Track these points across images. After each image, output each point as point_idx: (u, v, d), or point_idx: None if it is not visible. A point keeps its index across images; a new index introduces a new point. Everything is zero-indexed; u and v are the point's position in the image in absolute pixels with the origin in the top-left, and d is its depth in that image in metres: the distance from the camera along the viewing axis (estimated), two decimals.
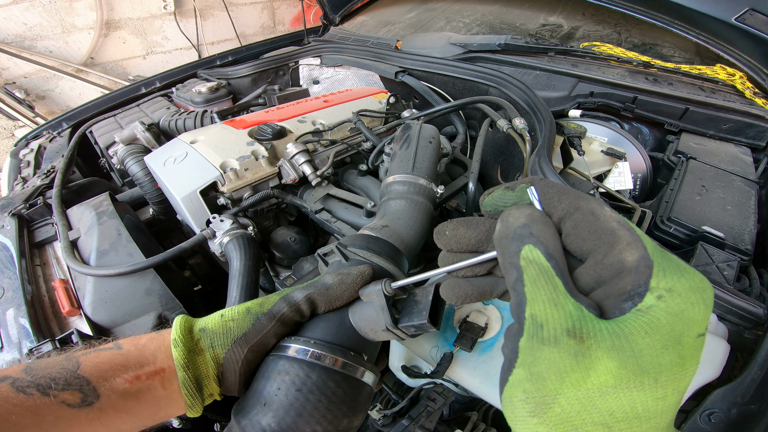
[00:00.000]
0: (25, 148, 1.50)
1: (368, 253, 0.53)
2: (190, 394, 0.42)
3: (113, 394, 0.38)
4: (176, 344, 0.42)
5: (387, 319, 0.44)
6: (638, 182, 1.10)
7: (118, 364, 0.40)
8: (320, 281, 0.48)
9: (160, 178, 0.99)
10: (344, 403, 0.43)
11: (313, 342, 0.45)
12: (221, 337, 0.44)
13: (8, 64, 2.89)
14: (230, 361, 0.43)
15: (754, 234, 0.76)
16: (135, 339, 0.44)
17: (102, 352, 0.41)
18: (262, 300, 0.48)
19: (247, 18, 3.99)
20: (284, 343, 0.46)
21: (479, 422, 0.64)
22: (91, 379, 0.38)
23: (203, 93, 1.56)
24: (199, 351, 0.43)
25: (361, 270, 0.48)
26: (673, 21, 1.15)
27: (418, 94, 1.46)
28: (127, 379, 0.39)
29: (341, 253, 0.52)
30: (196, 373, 0.42)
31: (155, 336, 0.44)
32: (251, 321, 0.45)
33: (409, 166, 0.82)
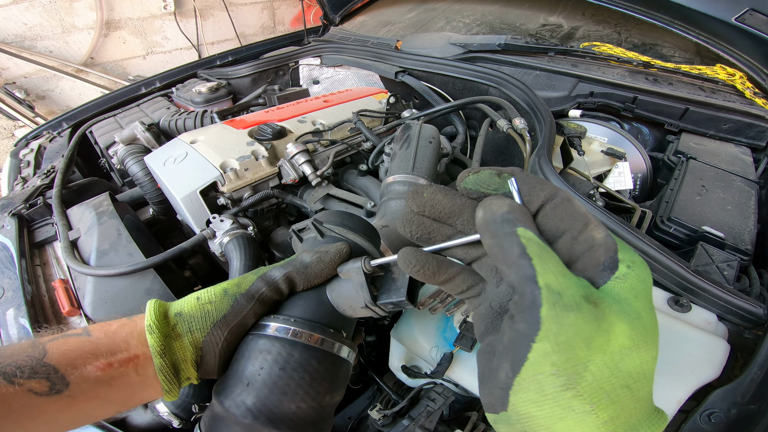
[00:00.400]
0: (25, 148, 1.50)
1: (343, 229, 0.53)
2: (167, 380, 0.41)
3: (84, 381, 0.37)
4: (151, 330, 0.41)
5: (366, 296, 0.44)
6: (638, 182, 1.10)
7: (87, 352, 0.39)
8: (298, 259, 0.48)
9: (160, 178, 0.99)
10: (326, 380, 0.44)
11: (293, 320, 0.45)
12: (199, 320, 0.43)
13: (8, 64, 2.89)
14: (210, 345, 0.43)
15: (754, 234, 0.76)
16: (104, 325, 0.42)
17: (70, 339, 0.40)
18: (239, 280, 0.46)
19: (247, 18, 3.99)
20: (264, 321, 0.45)
21: (479, 422, 0.64)
22: (59, 367, 0.37)
23: (203, 93, 1.56)
24: (176, 336, 0.42)
25: (338, 248, 0.48)
26: (673, 21, 1.16)
27: (418, 94, 1.46)
28: (99, 366, 0.38)
29: (317, 229, 0.52)
30: (173, 359, 0.41)
31: (126, 322, 0.43)
32: (229, 303, 0.44)
33: (409, 166, 0.82)
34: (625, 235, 0.67)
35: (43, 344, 0.38)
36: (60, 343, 0.39)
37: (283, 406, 0.41)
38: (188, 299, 0.45)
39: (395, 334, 0.68)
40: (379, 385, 0.84)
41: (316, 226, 0.52)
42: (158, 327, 0.41)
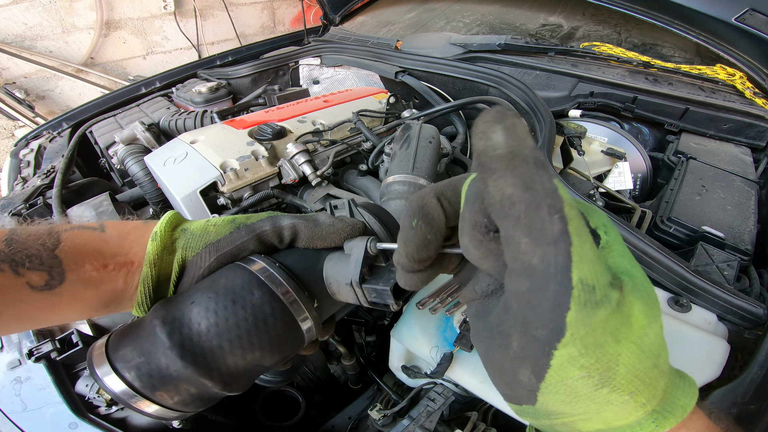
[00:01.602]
0: (25, 148, 1.50)
1: (374, 218, 0.52)
2: (144, 293, 0.40)
3: (77, 280, 0.37)
4: (154, 238, 0.40)
5: (356, 273, 0.43)
6: (638, 182, 1.10)
7: (95, 249, 0.38)
8: (312, 216, 0.47)
9: (160, 178, 0.99)
10: (266, 335, 0.38)
11: (278, 265, 0.43)
12: (197, 239, 0.42)
13: (8, 64, 2.89)
14: (193, 266, 0.41)
15: (754, 234, 0.76)
16: (121, 224, 0.42)
17: (84, 231, 0.39)
18: (250, 215, 0.46)
19: (247, 18, 3.99)
20: (252, 257, 0.44)
21: (479, 422, 0.64)
22: (64, 261, 0.36)
23: (203, 93, 1.56)
24: (171, 250, 0.41)
25: (354, 222, 0.47)
26: (673, 21, 1.16)
27: (418, 94, 1.46)
28: (95, 266, 0.38)
29: (349, 208, 0.52)
30: (161, 273, 0.40)
31: (140, 225, 0.42)
32: (231, 229, 0.43)
33: (409, 166, 0.82)
34: (625, 235, 0.67)
35: (59, 233, 0.38)
36: (74, 234, 0.38)
37: (207, 338, 0.35)
38: (201, 221, 0.45)
39: (395, 334, 0.68)
40: (379, 385, 0.84)
41: (350, 206, 0.52)
42: (161, 236, 0.41)
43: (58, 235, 0.37)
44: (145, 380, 0.34)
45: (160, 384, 0.34)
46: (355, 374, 0.91)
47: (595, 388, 0.23)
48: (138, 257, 0.40)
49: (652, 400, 0.24)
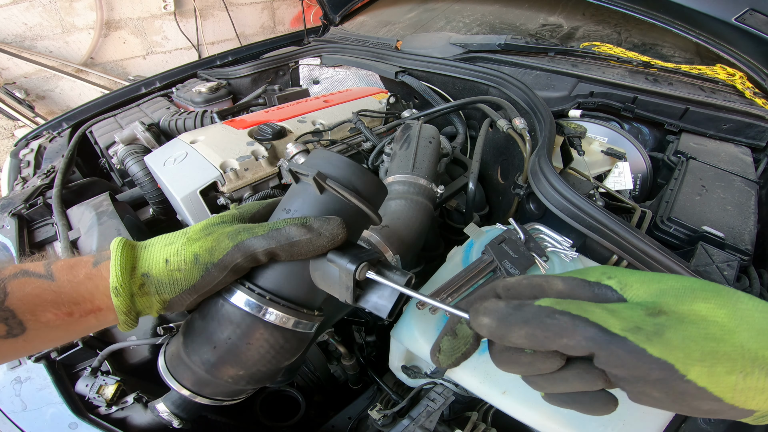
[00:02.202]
0: (25, 148, 1.50)
1: (348, 193, 0.45)
2: (128, 323, 0.41)
3: (41, 327, 0.37)
4: (117, 293, 0.39)
5: (349, 298, 0.43)
6: (638, 182, 1.10)
7: (48, 300, 0.37)
8: (284, 233, 0.41)
9: (160, 178, 0.99)
10: (289, 352, 0.46)
11: (268, 298, 0.43)
12: (167, 286, 0.41)
13: (8, 64, 2.89)
14: (177, 303, 0.42)
15: (754, 234, 0.76)
16: (70, 270, 0.40)
17: (31, 281, 0.38)
18: (212, 244, 0.42)
19: (247, 18, 3.99)
20: (235, 287, 0.44)
21: (479, 422, 0.64)
22: (18, 312, 0.36)
23: (203, 93, 1.56)
24: (142, 294, 0.41)
25: (334, 233, 0.42)
26: (673, 21, 1.15)
27: (418, 94, 1.46)
28: (58, 315, 0.37)
29: (317, 184, 0.44)
30: (137, 310, 0.41)
31: (93, 273, 0.40)
32: (200, 272, 0.41)
33: (409, 166, 0.82)
34: (625, 235, 0.67)
35: (4, 282, 0.37)
36: (21, 283, 0.37)
37: (243, 370, 0.45)
38: (156, 258, 0.42)
39: (395, 334, 0.68)
40: (379, 385, 0.84)
41: (317, 181, 0.44)
42: (124, 289, 0.39)
43: (3, 284, 0.37)
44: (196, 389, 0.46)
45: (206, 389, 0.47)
46: (355, 374, 0.91)
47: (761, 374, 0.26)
48: (105, 304, 0.40)
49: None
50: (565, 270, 0.65)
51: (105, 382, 0.68)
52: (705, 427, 0.51)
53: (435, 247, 1.01)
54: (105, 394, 0.67)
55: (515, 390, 0.55)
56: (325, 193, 0.45)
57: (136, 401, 0.67)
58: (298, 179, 0.47)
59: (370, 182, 0.47)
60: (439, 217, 1.14)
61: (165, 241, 0.43)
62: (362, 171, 0.47)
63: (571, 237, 0.71)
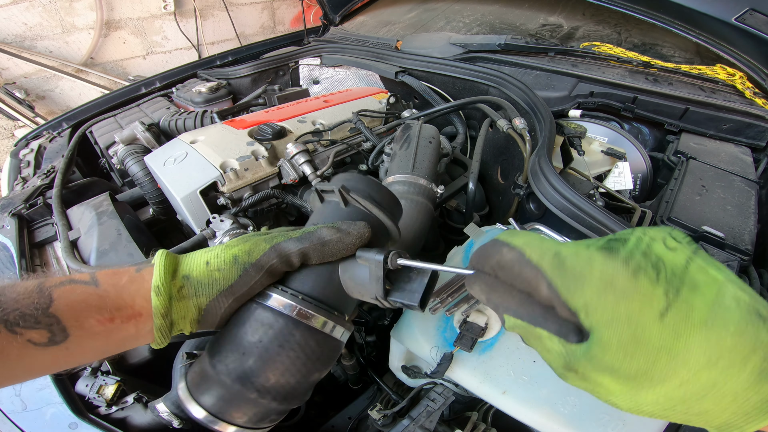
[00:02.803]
0: (25, 148, 1.50)
1: (369, 203, 0.49)
2: (162, 336, 0.41)
3: (83, 334, 0.37)
4: (158, 292, 0.40)
5: (379, 290, 0.44)
6: (638, 182, 1.10)
7: (93, 306, 0.38)
8: (316, 234, 0.45)
9: (160, 178, 0.99)
10: (320, 360, 0.46)
11: (301, 298, 0.44)
12: (206, 287, 0.42)
13: (8, 64, 2.89)
14: (213, 308, 0.43)
15: (754, 234, 0.76)
16: (113, 275, 0.41)
17: (77, 287, 0.39)
18: (250, 247, 0.45)
19: (247, 18, 3.99)
20: (270, 291, 0.45)
21: (479, 422, 0.64)
22: (63, 318, 0.36)
23: (203, 93, 1.56)
24: (180, 297, 0.42)
25: (361, 231, 0.46)
26: (673, 21, 1.16)
27: (418, 94, 1.46)
28: (101, 320, 0.38)
29: (342, 197, 0.48)
30: (173, 318, 0.42)
31: (136, 277, 0.42)
32: (238, 272, 0.43)
33: (409, 166, 0.82)
34: None
35: (50, 290, 0.37)
36: (67, 290, 0.38)
37: (273, 378, 0.43)
38: (197, 261, 0.44)
39: (395, 334, 0.68)
40: (379, 385, 0.84)
41: (342, 194, 0.48)
42: (165, 289, 0.41)
43: (49, 292, 0.37)
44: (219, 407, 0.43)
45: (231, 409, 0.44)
46: (355, 374, 0.91)
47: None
48: (144, 309, 0.40)
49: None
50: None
51: (105, 382, 0.68)
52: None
53: (435, 247, 1.01)
54: (105, 394, 0.67)
55: (515, 390, 0.55)
56: (349, 206, 0.49)
57: (136, 401, 0.67)
58: (323, 198, 0.52)
59: (389, 197, 0.52)
60: (439, 217, 1.14)
61: (206, 250, 0.46)
62: (381, 186, 0.51)
63: (571, 237, 0.71)
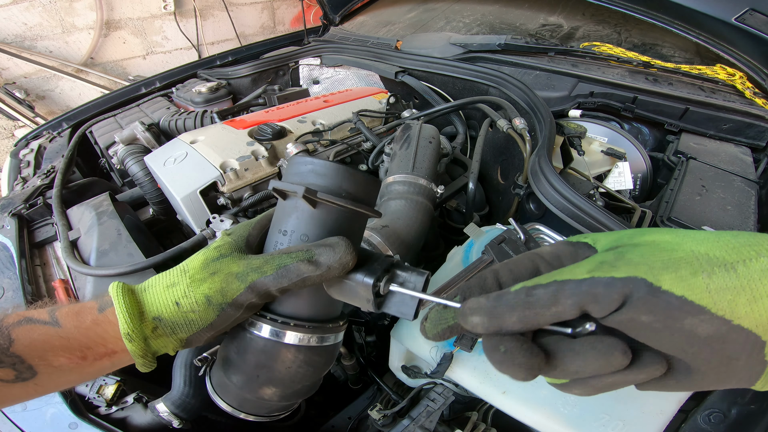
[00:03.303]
0: (25, 148, 1.50)
1: (340, 200, 0.42)
2: (147, 364, 0.41)
3: (53, 372, 0.36)
4: (130, 339, 0.38)
5: (372, 307, 0.41)
6: (638, 182, 1.09)
7: (58, 346, 0.37)
8: (294, 271, 0.39)
9: (160, 178, 0.99)
10: (323, 365, 0.49)
11: (292, 324, 0.44)
12: (183, 326, 0.41)
13: (8, 64, 2.89)
14: (196, 340, 0.42)
15: None
16: (76, 317, 0.39)
17: (37, 327, 0.37)
18: (221, 286, 0.40)
19: (247, 18, 3.99)
20: (258, 321, 0.44)
21: (479, 422, 0.64)
22: (26, 358, 0.35)
23: (203, 93, 1.56)
24: (156, 336, 0.40)
25: (343, 263, 0.40)
26: (673, 21, 1.15)
27: (418, 94, 1.46)
28: (71, 359, 0.37)
29: (309, 201, 0.41)
30: (153, 350, 0.41)
31: (100, 319, 0.40)
32: (215, 312, 0.41)
33: (409, 166, 0.82)
34: None
35: (8, 330, 0.36)
36: (26, 330, 0.37)
37: (281, 391, 0.47)
38: (165, 301, 0.41)
39: (395, 334, 0.68)
40: (379, 385, 0.84)
41: (307, 197, 0.40)
42: (137, 334, 0.39)
43: (8, 332, 0.36)
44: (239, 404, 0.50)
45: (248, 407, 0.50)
46: (355, 374, 0.91)
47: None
48: (119, 347, 0.39)
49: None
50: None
51: (105, 382, 0.68)
52: (705, 427, 0.51)
53: (435, 247, 1.01)
54: (105, 394, 0.67)
55: (515, 390, 0.55)
56: (318, 206, 0.42)
57: (136, 401, 0.67)
58: (286, 196, 0.43)
59: (361, 181, 0.44)
60: (439, 217, 1.14)
61: (165, 282, 0.42)
62: (349, 172, 0.43)
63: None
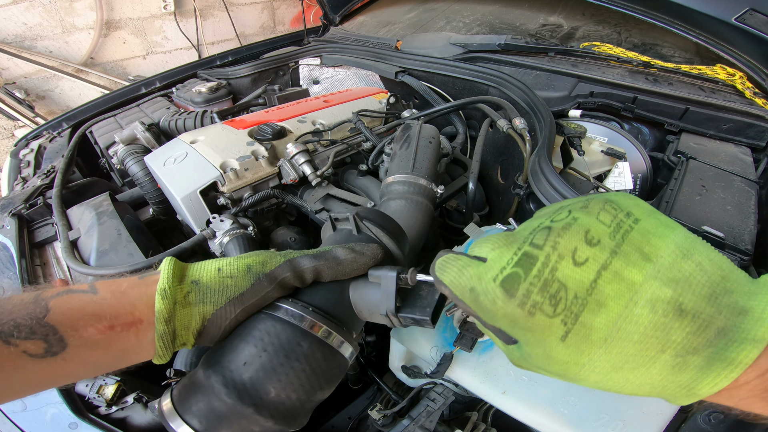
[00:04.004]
0: (25, 148, 1.50)
1: (381, 231, 0.52)
2: (164, 346, 0.39)
3: (82, 344, 0.36)
4: (164, 295, 0.39)
5: (390, 305, 0.44)
6: (638, 182, 1.09)
7: (90, 313, 0.37)
8: (332, 253, 0.46)
9: (160, 178, 0.99)
10: (324, 376, 0.43)
11: (311, 309, 0.44)
12: (216, 294, 0.41)
13: (8, 64, 2.89)
14: (218, 318, 0.41)
15: (754, 234, 0.76)
16: (113, 283, 0.40)
17: (75, 296, 0.38)
18: (264, 258, 0.44)
19: (247, 18, 3.99)
20: (279, 303, 0.44)
21: (479, 422, 0.64)
22: (59, 327, 0.35)
23: (203, 93, 1.56)
24: (186, 304, 0.40)
25: (374, 252, 0.48)
26: (673, 21, 1.15)
27: (418, 94, 1.46)
28: (99, 329, 0.36)
29: (356, 224, 0.52)
30: (176, 325, 0.40)
31: (137, 283, 0.40)
32: (251, 281, 0.42)
33: (409, 166, 0.82)
34: None
35: (46, 300, 0.36)
36: (64, 300, 0.37)
37: (273, 392, 0.39)
38: (208, 267, 0.43)
39: (395, 334, 0.68)
40: (379, 385, 0.84)
41: (356, 221, 0.51)
42: (171, 292, 0.39)
43: (45, 302, 0.36)
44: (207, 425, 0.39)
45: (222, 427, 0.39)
46: (355, 374, 0.91)
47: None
48: (146, 315, 0.39)
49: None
50: None
51: (105, 382, 0.68)
52: (705, 427, 0.51)
53: (435, 247, 1.01)
54: (105, 394, 0.67)
55: (515, 390, 0.55)
56: (361, 233, 0.52)
57: (136, 401, 0.67)
58: (336, 227, 0.56)
59: (398, 228, 0.55)
60: (439, 217, 1.14)
61: (217, 258, 0.45)
62: (390, 218, 0.55)
63: None
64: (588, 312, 0.28)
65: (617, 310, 0.27)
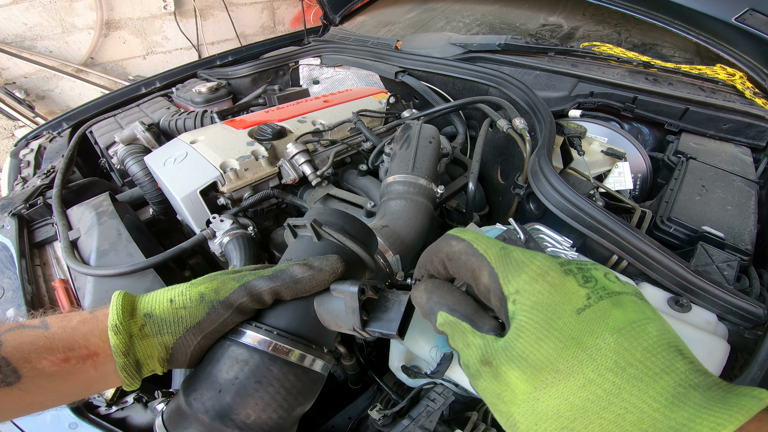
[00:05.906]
0: (25, 148, 1.50)
1: (342, 236, 0.49)
2: (129, 376, 0.40)
3: (37, 375, 0.37)
4: (117, 331, 0.39)
5: (356, 321, 0.43)
6: (638, 182, 1.09)
7: (42, 347, 0.37)
8: (288, 272, 0.44)
9: (160, 178, 0.99)
10: (301, 394, 0.44)
11: (276, 333, 0.43)
12: (171, 325, 0.41)
13: (8, 64, 2.89)
14: (182, 346, 0.41)
15: (754, 234, 0.76)
16: (64, 318, 0.40)
17: (25, 331, 0.38)
18: (217, 285, 0.43)
19: (247, 18, 3.99)
20: (243, 328, 0.44)
21: (479, 422, 0.64)
22: (11, 359, 0.36)
23: (203, 93, 1.56)
24: (142, 336, 0.40)
25: (333, 267, 0.45)
26: (673, 21, 1.16)
27: (418, 94, 1.46)
28: (54, 361, 0.37)
29: (315, 232, 0.48)
30: (137, 356, 0.40)
31: (88, 318, 0.41)
32: (206, 310, 0.41)
33: (409, 166, 0.82)
34: (625, 236, 0.67)
35: (0, 334, 0.38)
36: (15, 335, 0.38)
37: (253, 415, 0.41)
38: (159, 299, 0.43)
39: None
40: (379, 385, 0.84)
41: (314, 229, 0.48)
42: (124, 327, 0.39)
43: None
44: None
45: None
46: (355, 374, 0.91)
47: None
48: (101, 348, 0.39)
49: None
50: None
51: None
52: None
53: None
54: (105, 394, 0.67)
55: None
56: (322, 239, 0.49)
57: (136, 401, 0.67)
58: (296, 233, 0.53)
59: (363, 229, 0.52)
60: (439, 217, 1.14)
61: (168, 288, 0.44)
62: (354, 219, 0.52)
63: (571, 237, 0.71)
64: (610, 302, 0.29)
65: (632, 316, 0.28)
